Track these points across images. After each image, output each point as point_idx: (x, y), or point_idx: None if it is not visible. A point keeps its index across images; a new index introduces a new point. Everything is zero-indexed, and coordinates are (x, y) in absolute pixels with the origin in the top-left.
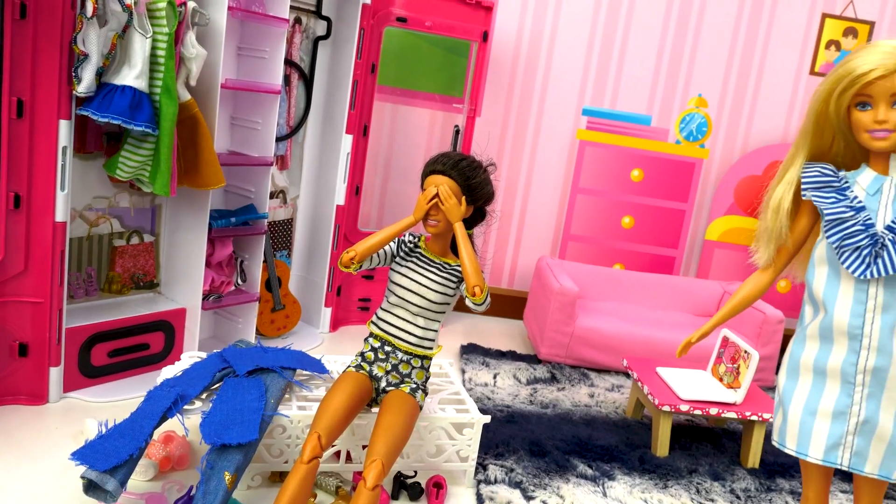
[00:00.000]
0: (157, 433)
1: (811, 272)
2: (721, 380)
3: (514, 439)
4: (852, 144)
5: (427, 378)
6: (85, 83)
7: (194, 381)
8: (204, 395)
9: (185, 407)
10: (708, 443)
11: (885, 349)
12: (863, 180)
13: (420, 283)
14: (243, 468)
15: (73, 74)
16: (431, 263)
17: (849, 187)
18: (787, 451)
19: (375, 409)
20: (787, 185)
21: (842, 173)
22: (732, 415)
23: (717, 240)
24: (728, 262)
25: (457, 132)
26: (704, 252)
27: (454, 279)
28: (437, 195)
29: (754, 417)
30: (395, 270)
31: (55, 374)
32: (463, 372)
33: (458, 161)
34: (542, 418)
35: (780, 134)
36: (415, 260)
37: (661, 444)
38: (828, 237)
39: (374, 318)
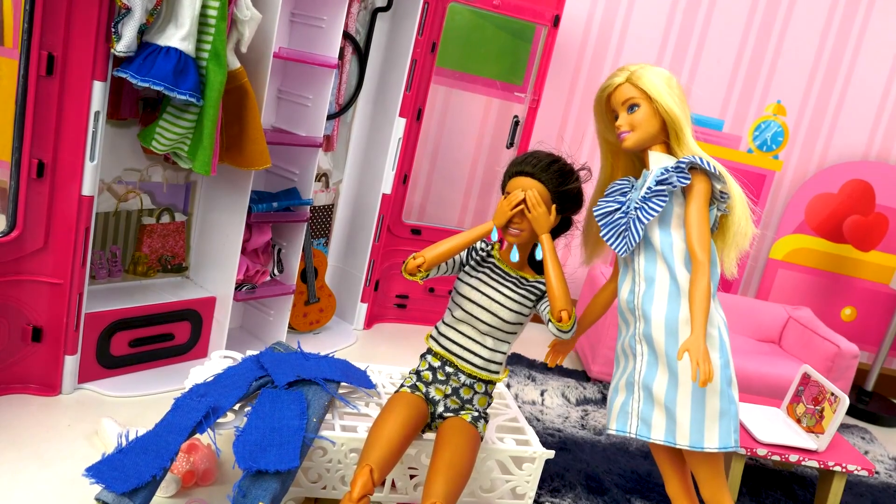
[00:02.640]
0: None
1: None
2: (799, 421)
3: (568, 471)
4: (638, 157)
5: (489, 404)
6: (125, 41)
7: (228, 391)
8: (237, 406)
9: (218, 420)
10: (778, 489)
11: (647, 317)
12: (639, 182)
13: (492, 299)
14: (280, 498)
15: (113, 30)
16: (507, 277)
17: (634, 188)
18: (608, 432)
19: (427, 435)
20: (597, 192)
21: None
22: (814, 463)
23: (783, 259)
24: (792, 283)
25: (516, 123)
26: (767, 271)
27: (532, 297)
28: (523, 201)
29: (837, 468)
30: (463, 281)
31: (70, 363)
32: (508, 386)
33: (549, 164)
34: (597, 447)
35: (860, 151)
36: (487, 271)
37: (731, 489)
38: (602, 235)
39: (433, 333)
